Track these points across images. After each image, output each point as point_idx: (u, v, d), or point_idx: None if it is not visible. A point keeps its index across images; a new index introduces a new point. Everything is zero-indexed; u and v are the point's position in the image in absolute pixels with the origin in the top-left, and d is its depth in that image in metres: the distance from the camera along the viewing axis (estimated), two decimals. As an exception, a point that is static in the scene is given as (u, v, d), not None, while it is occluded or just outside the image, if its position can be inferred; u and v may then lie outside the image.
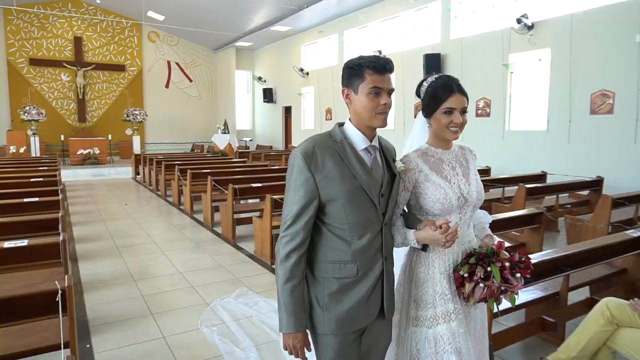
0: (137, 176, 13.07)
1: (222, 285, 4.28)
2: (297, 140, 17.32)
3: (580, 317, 2.90)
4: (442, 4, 10.78)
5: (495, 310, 1.73)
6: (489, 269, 1.62)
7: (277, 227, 5.03)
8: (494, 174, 8.17)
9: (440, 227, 1.53)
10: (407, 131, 11.86)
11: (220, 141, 15.60)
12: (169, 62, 19.49)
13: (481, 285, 1.62)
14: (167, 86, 19.57)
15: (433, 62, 10.57)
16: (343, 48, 14.43)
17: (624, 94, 7.32)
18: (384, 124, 1.52)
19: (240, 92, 20.45)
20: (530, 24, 8.63)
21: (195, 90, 20.27)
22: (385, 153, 1.63)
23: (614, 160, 7.39)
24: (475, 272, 1.63)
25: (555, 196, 6.50)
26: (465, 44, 10.08)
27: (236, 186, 5.98)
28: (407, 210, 1.77)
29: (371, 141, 1.57)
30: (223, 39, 18.21)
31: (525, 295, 3.09)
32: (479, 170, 1.86)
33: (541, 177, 7.45)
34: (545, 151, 8.52)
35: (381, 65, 1.50)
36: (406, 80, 11.71)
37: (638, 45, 7.08)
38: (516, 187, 6.09)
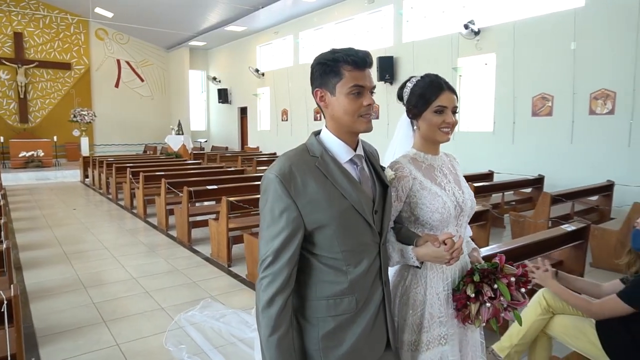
0: (86, 179, 12.56)
1: (178, 290, 4.23)
2: (253, 141, 17.21)
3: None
4: (394, 8, 11.08)
5: (495, 329, 1.54)
6: (495, 286, 1.47)
7: (234, 229, 5.05)
8: (444, 174, 8.49)
9: (444, 242, 1.36)
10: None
11: (174, 142, 15.27)
12: (118, 61, 18.82)
13: (488, 305, 1.45)
14: (117, 86, 18.88)
15: (386, 64, 10.83)
16: (298, 49, 14.50)
17: (561, 97, 7.82)
18: (370, 128, 1.31)
19: (195, 93, 20.07)
20: (476, 30, 9.03)
21: (147, 90, 19.69)
22: (372, 161, 1.43)
23: (553, 160, 7.88)
24: (483, 292, 1.46)
25: (501, 194, 6.86)
26: (417, 48, 10.40)
27: (191, 188, 5.90)
28: (396, 223, 1.59)
29: (355, 149, 1.34)
30: (176, 38, 17.81)
31: (472, 288, 3.27)
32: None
33: (488, 176, 7.83)
34: (492, 151, 8.95)
35: (361, 59, 1.28)
36: (361, 82, 11.95)
37: (573, 52, 7.59)
38: (465, 186, 6.36)
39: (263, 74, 16.18)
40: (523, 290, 1.50)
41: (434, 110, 1.54)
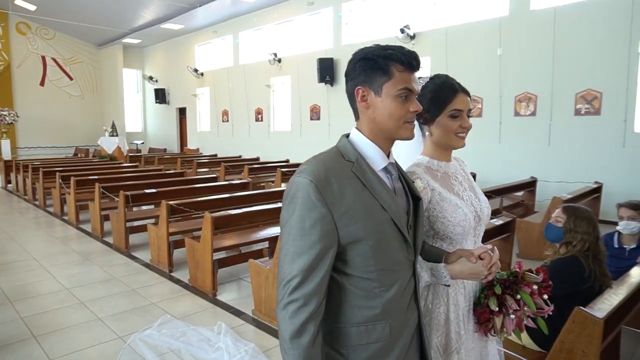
0: (9, 185, 11.65)
1: (116, 298, 4.07)
2: (193, 143, 16.78)
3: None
4: (333, 11, 11.26)
5: (519, 338, 1.50)
6: (518, 297, 1.39)
7: (175, 233, 4.93)
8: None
9: (480, 257, 1.26)
10: (304, 134, 12.20)
11: (108, 144, 14.57)
12: (43, 58, 17.62)
13: (512, 316, 1.38)
14: (42, 84, 17.67)
15: (327, 66, 10.99)
16: (238, 49, 14.33)
17: (490, 99, 8.34)
18: (412, 136, 1.20)
19: (130, 92, 19.22)
20: (412, 34, 9.41)
21: (77, 89, 18.60)
22: (400, 170, 1.29)
23: (484, 158, 8.39)
24: (507, 304, 1.38)
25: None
26: (356, 50, 10.62)
27: (128, 192, 5.67)
28: None
29: (388, 157, 1.22)
30: (107, 34, 16.97)
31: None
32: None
33: (425, 174, 8.16)
34: (428, 150, 9.35)
35: (415, 60, 1.16)
36: (302, 83, 12.05)
37: (499, 58, 8.12)
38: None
39: (202, 74, 15.83)
40: (545, 296, 1.41)
41: (449, 114, 1.42)
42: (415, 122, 1.46)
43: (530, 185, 7.07)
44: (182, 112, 17.63)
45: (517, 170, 7.70)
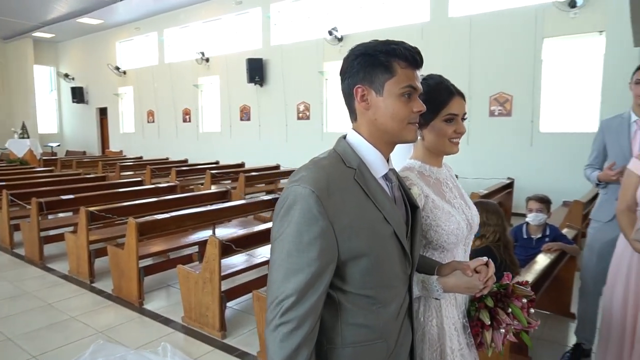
0: None
1: (29, 315, 3.76)
2: (115, 145, 15.89)
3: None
4: (262, 11, 11.20)
5: (501, 352, 1.44)
6: (509, 310, 1.34)
7: (96, 241, 4.65)
8: (315, 173, 8.88)
9: (475, 270, 1.20)
10: (234, 135, 12.01)
11: (18, 147, 13.38)
12: (-62, 52, 15.78)
13: (502, 330, 1.33)
14: (-64, 81, 15.82)
15: (256, 66, 10.91)
16: (163, 47, 13.79)
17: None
18: (416, 138, 1.13)
19: (42, 91, 17.77)
20: (340, 37, 9.60)
21: (-21, 87, 16.86)
22: (399, 178, 1.21)
23: (406, 156, 8.74)
24: (500, 318, 1.33)
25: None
26: (285, 51, 10.67)
27: (42, 199, 5.26)
28: None
29: (387, 162, 1.14)
30: (14, 27, 15.55)
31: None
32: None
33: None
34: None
35: (418, 56, 1.08)
36: (231, 83, 11.86)
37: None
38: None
39: (125, 73, 15.04)
40: (532, 310, 1.37)
41: (444, 118, 1.35)
42: None
43: (507, 187, 7.33)
44: (103, 112, 16.61)
45: (492, 171, 8.06)
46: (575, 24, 7.05)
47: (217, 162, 10.54)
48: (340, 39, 9.61)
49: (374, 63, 1.06)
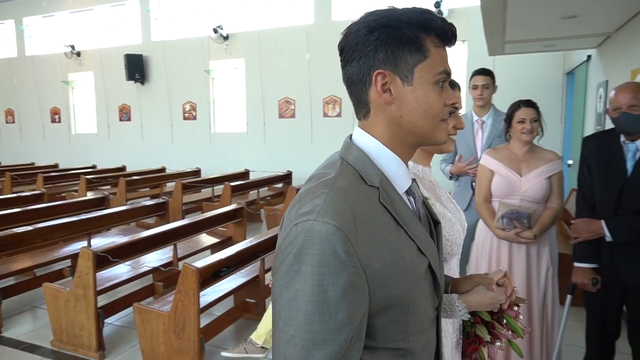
0: None
1: None
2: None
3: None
4: (140, 4, 10.49)
5: None
6: (504, 321, 1.22)
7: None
8: (203, 175, 8.61)
9: (497, 283, 1.05)
10: (113, 137, 11.09)
11: None
12: None
13: (498, 343, 1.22)
14: None
15: (135, 62, 10.20)
16: (23, 37, 12.22)
17: (301, 101, 8.91)
18: (447, 140, 0.93)
19: None
20: (225, 35, 9.40)
21: None
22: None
23: (298, 156, 8.92)
24: (498, 332, 1.20)
25: (257, 191, 7.38)
26: (168, 47, 10.14)
27: None
28: None
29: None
30: None
31: (231, 283, 3.44)
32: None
33: (244, 174, 8.30)
34: (246, 151, 9.51)
35: (452, 32, 0.83)
36: (107, 81, 10.95)
37: (308, 62, 8.73)
38: (223, 186, 6.61)
39: (-26, 65, 13.02)
40: (521, 317, 1.26)
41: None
42: None
43: None
44: (-54, 111, 14.18)
45: None
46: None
47: (93, 167, 9.66)
48: (225, 37, 9.41)
49: (400, 39, 0.78)
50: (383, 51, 0.79)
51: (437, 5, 7.43)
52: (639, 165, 2.04)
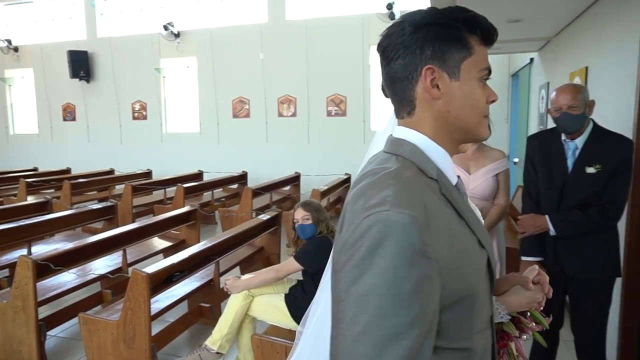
0: None
1: None
2: None
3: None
4: (84, -2, 10.01)
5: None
6: (527, 314, 1.18)
7: None
8: (155, 177, 8.33)
9: (533, 282, 1.05)
10: (56, 137, 10.50)
11: None
12: None
13: (525, 337, 1.19)
14: None
15: (80, 59, 9.72)
16: (-46, 31, 11.33)
17: (256, 101, 8.80)
18: (488, 136, 0.91)
19: None
20: (176, 32, 9.13)
21: None
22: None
23: (253, 156, 8.81)
24: (523, 326, 1.16)
25: (211, 192, 7.22)
26: (115, 44, 9.73)
27: None
28: None
29: None
30: None
31: (184, 288, 3.34)
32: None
33: (198, 176, 8.11)
34: (200, 151, 9.28)
35: (495, 32, 0.85)
36: (49, 78, 10.37)
37: (262, 62, 8.64)
38: (175, 188, 6.41)
39: None
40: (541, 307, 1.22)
41: None
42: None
43: (295, 180, 7.77)
44: None
45: (283, 166, 8.35)
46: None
47: (35, 169, 9.11)
48: (177, 35, 9.15)
49: (447, 36, 0.80)
50: (431, 48, 0.80)
51: (390, 7, 7.56)
52: (578, 162, 2.15)
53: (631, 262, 2.46)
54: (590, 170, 2.10)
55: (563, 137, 2.21)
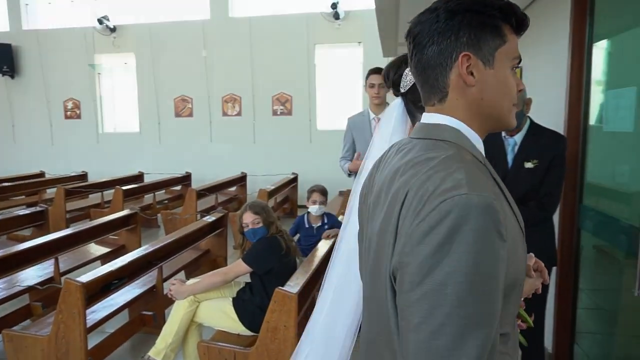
0: None
1: None
2: None
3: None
4: (7, -13, 9.26)
5: None
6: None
7: None
8: (91, 179, 7.86)
9: (534, 269, 1.05)
10: (19, 139, 9.64)
11: None
12: None
13: None
14: None
15: (3, 53, 8.99)
16: None
17: (199, 99, 8.54)
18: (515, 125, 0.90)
19: None
20: (112, 27, 8.67)
21: None
22: None
23: (197, 157, 8.55)
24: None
25: (153, 194, 6.91)
26: (44, 38, 9.07)
27: None
28: None
29: None
30: None
31: (125, 296, 3.15)
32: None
33: (139, 177, 7.74)
34: (140, 152, 8.87)
35: (528, 22, 0.85)
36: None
37: (204, 59, 8.40)
38: (114, 191, 6.08)
39: None
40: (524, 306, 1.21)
41: None
42: (399, 101, 1.34)
43: (241, 180, 7.62)
44: None
45: (229, 167, 8.16)
46: (339, 34, 7.97)
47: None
48: (113, 29, 8.68)
49: (483, 24, 0.80)
50: (466, 35, 0.79)
51: (334, 6, 7.60)
52: (518, 158, 2.24)
53: (564, 252, 2.60)
54: (529, 165, 2.20)
55: (503, 133, 2.29)
